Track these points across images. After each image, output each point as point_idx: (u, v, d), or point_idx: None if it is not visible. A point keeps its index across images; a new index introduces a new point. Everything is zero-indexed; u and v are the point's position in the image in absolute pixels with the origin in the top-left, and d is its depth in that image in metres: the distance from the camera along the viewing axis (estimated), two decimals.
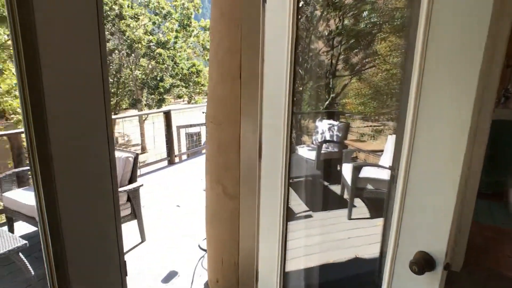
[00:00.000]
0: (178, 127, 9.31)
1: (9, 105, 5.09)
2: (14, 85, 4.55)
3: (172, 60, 17.16)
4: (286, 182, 1.78)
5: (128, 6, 14.70)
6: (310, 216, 3.23)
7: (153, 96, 19.08)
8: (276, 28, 1.66)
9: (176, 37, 16.31)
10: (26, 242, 2.28)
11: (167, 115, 6.26)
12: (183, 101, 22.73)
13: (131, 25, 14.94)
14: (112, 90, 20.69)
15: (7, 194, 3.14)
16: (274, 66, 1.72)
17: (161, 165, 6.35)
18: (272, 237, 1.84)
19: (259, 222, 1.94)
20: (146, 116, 17.61)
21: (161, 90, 17.97)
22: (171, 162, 6.40)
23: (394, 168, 1.28)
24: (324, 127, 4.60)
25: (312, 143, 4.61)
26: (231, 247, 2.28)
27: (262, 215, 1.90)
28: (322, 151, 4.28)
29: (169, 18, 16.16)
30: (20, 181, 3.84)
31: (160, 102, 18.45)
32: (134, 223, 3.19)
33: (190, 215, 3.87)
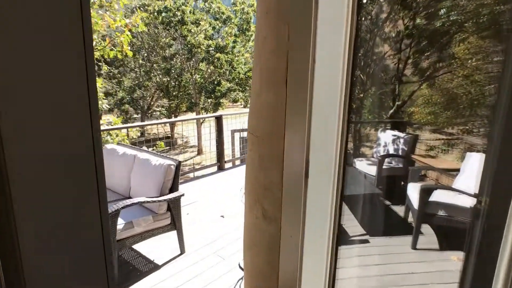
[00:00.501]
0: (233, 131, 9.32)
1: None
2: None
3: (229, 65, 17.50)
4: (338, 200, 1.49)
5: (190, 12, 15.35)
6: (366, 241, 2.80)
7: (210, 99, 19.67)
8: (332, 24, 1.37)
9: (234, 41, 16.60)
10: None
11: (219, 120, 6.21)
12: (240, 105, 23.07)
13: (192, 30, 15.57)
14: (174, 93, 21.88)
15: None
16: (328, 68, 1.42)
17: (211, 170, 6.33)
18: (319, 265, 1.54)
19: (303, 249, 1.64)
20: (203, 119, 18.14)
21: (218, 94, 18.43)
22: (220, 168, 6.34)
23: (481, 197, 1.05)
24: (387, 139, 4.06)
25: (373, 156, 4.12)
26: (269, 276, 2.00)
27: (307, 240, 1.62)
28: (384, 166, 3.77)
29: (229, 23, 16.52)
30: None
31: (216, 106, 18.93)
32: (173, 233, 3.09)
33: (234, 227, 3.68)
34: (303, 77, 1.50)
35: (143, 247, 3.20)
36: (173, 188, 3.02)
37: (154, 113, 25.86)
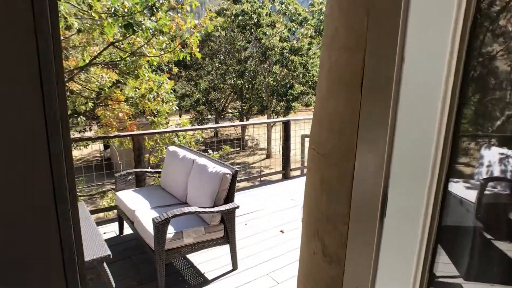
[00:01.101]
0: (303, 136, 8.93)
1: (148, 106, 5.75)
2: (148, 90, 5.12)
3: (303, 67, 17.12)
4: (431, 245, 1.13)
5: (266, 15, 15.42)
6: (459, 286, 2.21)
7: (281, 103, 19.53)
8: (433, 9, 0.99)
9: (310, 43, 16.17)
10: (110, 254, 2.22)
11: (286, 125, 5.92)
12: (313, 108, 22.49)
13: (267, 33, 15.61)
14: (247, 96, 22.34)
15: (119, 193, 3.35)
16: (423, 69, 1.04)
17: (277, 177, 6.06)
18: None
19: None
20: (274, 122, 18.07)
21: (290, 97, 18.17)
22: (285, 176, 6.03)
23: None
24: (492, 158, 3.25)
25: (472, 178, 3.35)
26: None
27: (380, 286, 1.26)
28: (487, 192, 3.01)
29: (305, 24, 16.15)
30: (138, 180, 4.14)
31: (288, 109, 18.69)
32: (226, 248, 2.89)
33: (294, 246, 3.34)
34: (386, 79, 1.12)
35: (195, 256, 3.08)
36: (228, 198, 2.82)
37: (227, 114, 26.82)
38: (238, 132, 26.27)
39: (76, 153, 19.26)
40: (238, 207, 2.76)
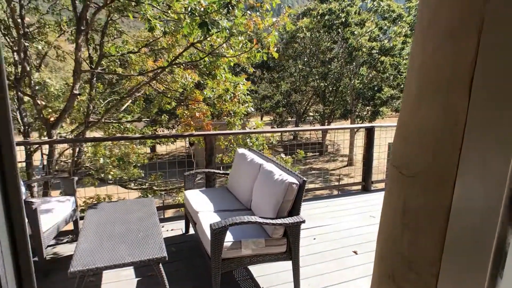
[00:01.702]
0: (391, 145, 8.11)
1: (226, 107, 5.85)
2: (225, 91, 5.18)
3: (395, 69, 15.74)
4: None
5: (355, 13, 14.61)
6: None
7: (367, 107, 18.33)
8: None
9: (404, 42, 14.77)
10: (166, 256, 2.19)
11: (370, 132, 5.39)
12: None
13: (356, 32, 14.77)
14: (330, 99, 21.62)
15: (186, 192, 3.39)
16: None
17: (355, 188, 5.57)
18: None
19: None
20: (358, 128, 17.10)
21: (378, 101, 16.91)
22: (365, 189, 5.49)
23: None
24: None
25: None
26: None
27: None
28: None
29: (399, 22, 14.82)
30: (208, 180, 4.18)
31: (374, 114, 17.43)
32: (288, 264, 2.66)
33: (367, 270, 2.93)
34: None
35: (255, 268, 2.92)
36: (294, 210, 2.58)
37: (308, 118, 26.38)
38: (319, 136, 25.62)
39: (163, 149, 21.20)
40: (303, 221, 2.50)
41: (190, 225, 3.52)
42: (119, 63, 6.30)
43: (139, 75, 5.31)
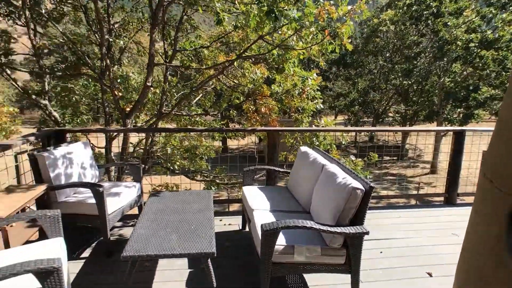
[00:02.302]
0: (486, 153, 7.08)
1: (294, 103, 5.70)
2: (293, 86, 5.02)
3: (499, 65, 13.66)
4: None
5: (450, 1, 13.04)
6: None
7: (459, 109, 16.34)
8: None
9: None
10: (214, 252, 2.16)
11: (459, 136, 4.71)
12: None
13: (449, 23, 13.19)
14: (413, 99, 19.86)
15: (245, 188, 3.34)
16: None
17: (438, 199, 4.95)
18: None
19: None
20: (445, 132, 15.38)
21: (472, 103, 14.93)
22: (449, 201, 4.83)
23: None
24: None
25: None
26: None
27: None
28: None
29: (510, 7, 12.73)
30: (269, 177, 4.09)
31: (467, 118, 15.45)
32: (347, 277, 2.42)
33: None
34: None
35: (310, 276, 2.74)
36: (357, 219, 2.33)
37: (387, 119, 24.64)
38: (398, 139, 23.76)
39: (233, 143, 21.90)
40: (367, 233, 2.25)
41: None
42: (192, 58, 6.61)
43: (208, 69, 5.47)
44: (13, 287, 1.64)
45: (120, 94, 4.43)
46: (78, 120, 5.88)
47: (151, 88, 4.94)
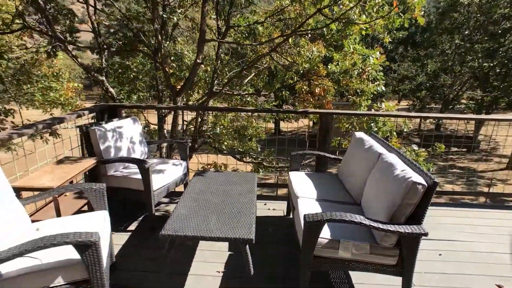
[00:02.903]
0: None
1: (352, 84, 5.33)
2: (352, 65, 4.63)
3: None
4: None
5: None
6: None
7: None
8: None
9: None
10: (253, 238, 2.08)
11: None
12: None
13: None
14: (494, 83, 17.74)
15: (291, 173, 3.20)
16: None
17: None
18: None
19: None
20: None
21: None
22: None
23: None
24: None
25: None
26: None
27: None
28: None
29: None
30: (319, 163, 3.89)
31: None
32: (397, 280, 2.20)
33: None
34: None
35: (356, 273, 2.56)
36: (415, 217, 2.08)
37: (458, 106, 22.41)
38: (470, 129, 21.57)
39: (286, 125, 21.62)
40: (425, 234, 1.99)
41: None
42: (246, 35, 6.47)
43: (262, 44, 5.28)
44: (61, 253, 1.71)
45: (171, 71, 4.48)
46: (135, 98, 6.15)
47: (202, 66, 4.95)
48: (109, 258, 2.10)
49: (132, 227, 3.13)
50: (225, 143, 5.46)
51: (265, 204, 3.72)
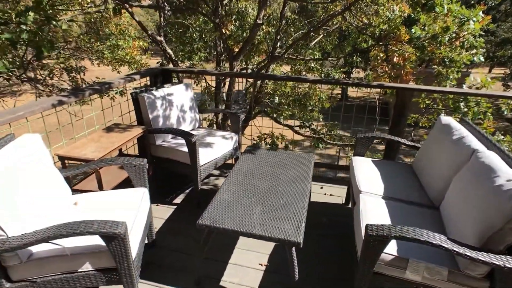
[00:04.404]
0: None
1: (440, 52, 4.46)
2: (443, 30, 3.76)
3: None
4: None
5: None
6: None
7: None
8: None
9: None
10: (300, 242, 1.77)
11: None
12: None
13: None
14: None
15: (355, 158, 2.76)
16: None
17: None
18: None
19: None
20: None
21: None
22: None
23: None
24: None
25: None
26: None
27: None
28: None
29: None
30: (390, 148, 3.36)
31: None
32: None
33: None
34: None
35: None
36: None
37: None
38: None
39: (354, 90, 20.14)
40: None
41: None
42: None
43: (333, 2, 4.60)
44: (90, 239, 1.59)
45: (227, 32, 4.13)
46: (197, 58, 5.96)
47: (263, 27, 4.50)
48: (144, 240, 1.97)
49: (179, 199, 3.03)
50: (284, 114, 5.07)
51: (321, 188, 3.35)
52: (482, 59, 4.07)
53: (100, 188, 2.28)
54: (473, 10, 3.93)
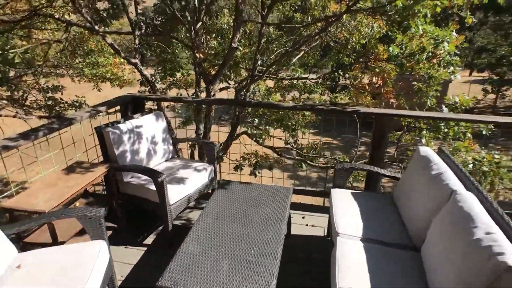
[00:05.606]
0: None
1: (419, 68, 4.38)
2: (420, 49, 3.65)
3: None
4: None
5: None
6: None
7: None
8: None
9: None
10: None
11: None
12: None
13: None
14: None
15: (334, 192, 2.59)
16: None
17: None
18: None
19: None
20: None
21: None
22: None
23: None
24: None
25: None
26: None
27: None
28: None
29: None
30: (369, 180, 3.21)
31: None
32: None
33: None
34: None
35: None
36: None
37: None
38: None
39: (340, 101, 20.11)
40: None
41: None
42: (296, 7, 5.64)
43: (313, 24, 4.47)
44: None
45: (201, 56, 3.95)
46: (173, 79, 5.76)
47: (240, 48, 4.34)
48: None
49: (150, 239, 2.81)
50: (263, 136, 4.92)
51: (303, 218, 3.18)
52: (458, 77, 4.00)
53: (54, 240, 2.06)
54: (446, 29, 3.85)
